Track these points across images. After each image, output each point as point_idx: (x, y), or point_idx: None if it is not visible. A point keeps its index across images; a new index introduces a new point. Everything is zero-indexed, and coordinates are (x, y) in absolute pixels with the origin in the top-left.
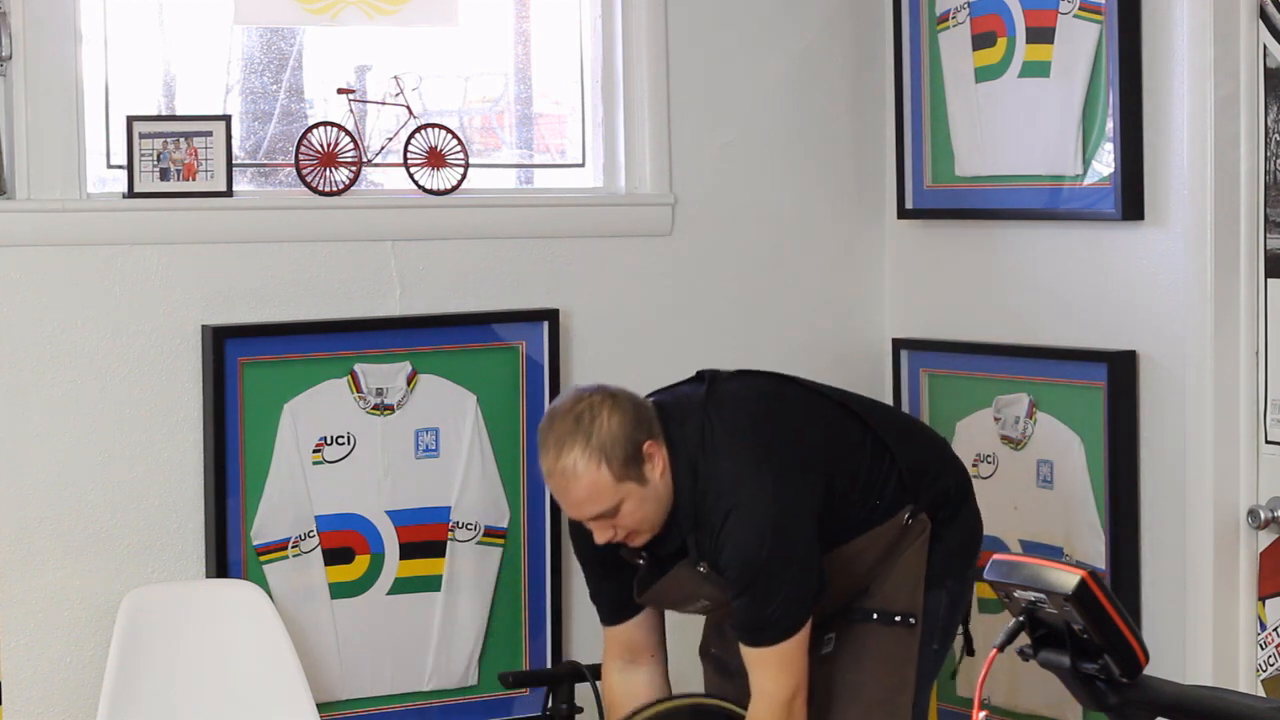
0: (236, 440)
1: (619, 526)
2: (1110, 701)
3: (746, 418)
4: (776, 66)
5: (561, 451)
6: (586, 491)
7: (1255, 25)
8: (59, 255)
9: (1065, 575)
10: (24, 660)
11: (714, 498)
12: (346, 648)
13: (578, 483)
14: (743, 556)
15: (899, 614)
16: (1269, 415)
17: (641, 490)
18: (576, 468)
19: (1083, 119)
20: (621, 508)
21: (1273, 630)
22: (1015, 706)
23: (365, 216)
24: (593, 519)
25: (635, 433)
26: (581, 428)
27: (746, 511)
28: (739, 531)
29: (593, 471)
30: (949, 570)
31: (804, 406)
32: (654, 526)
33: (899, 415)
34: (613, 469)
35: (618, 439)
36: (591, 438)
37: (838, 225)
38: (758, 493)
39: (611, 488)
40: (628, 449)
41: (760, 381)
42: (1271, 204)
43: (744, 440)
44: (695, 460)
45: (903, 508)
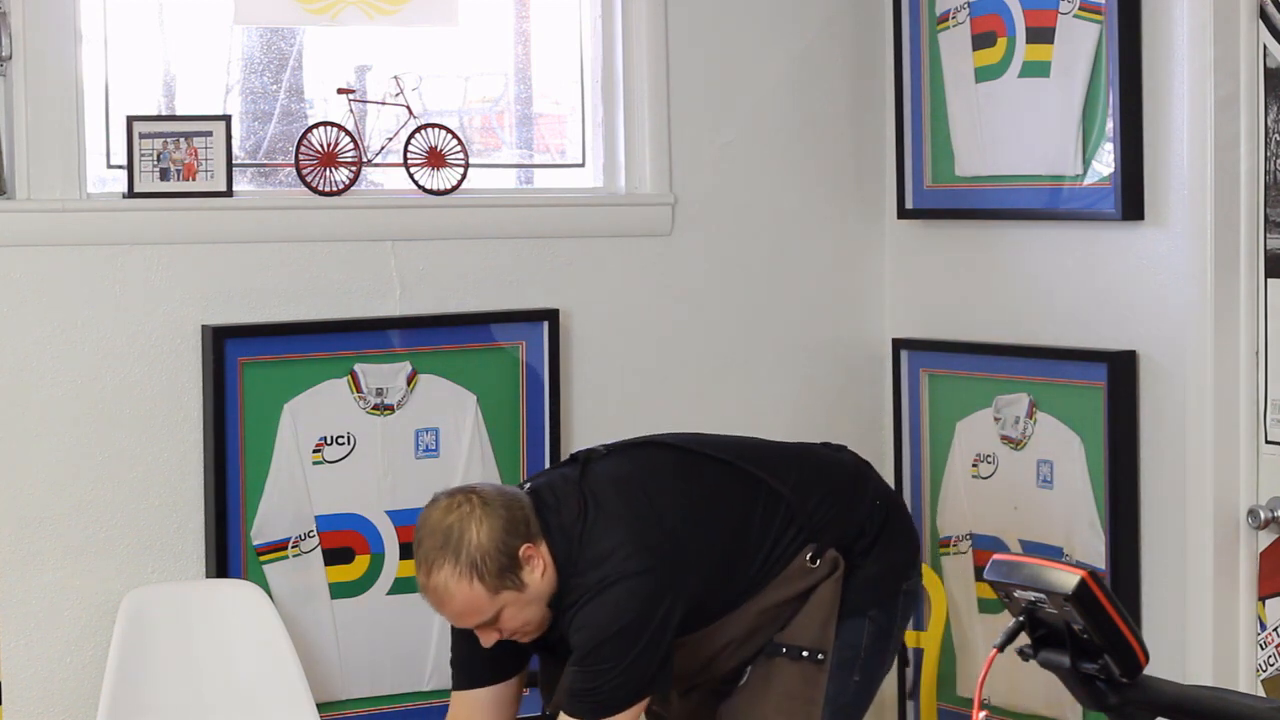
0: (236, 440)
1: (503, 630)
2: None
3: (623, 502)
4: (776, 66)
5: (432, 569)
6: (462, 607)
7: (1255, 25)
8: (59, 255)
9: (1065, 575)
10: (24, 660)
11: (581, 578)
12: (346, 648)
13: (452, 600)
14: (590, 631)
15: (806, 649)
16: (1269, 415)
17: (521, 596)
18: (449, 586)
19: (1083, 119)
20: (502, 615)
21: (1273, 630)
22: (1015, 706)
23: (365, 216)
24: (475, 628)
25: (509, 539)
26: (450, 544)
27: (608, 595)
28: (594, 609)
29: (465, 588)
30: (872, 599)
31: (685, 478)
32: (540, 626)
33: (799, 454)
34: (486, 583)
35: (488, 551)
36: (461, 553)
37: (838, 225)
38: (626, 578)
39: (488, 600)
40: (501, 560)
41: (636, 456)
42: (1271, 204)
43: (620, 526)
44: (571, 549)
45: (803, 550)
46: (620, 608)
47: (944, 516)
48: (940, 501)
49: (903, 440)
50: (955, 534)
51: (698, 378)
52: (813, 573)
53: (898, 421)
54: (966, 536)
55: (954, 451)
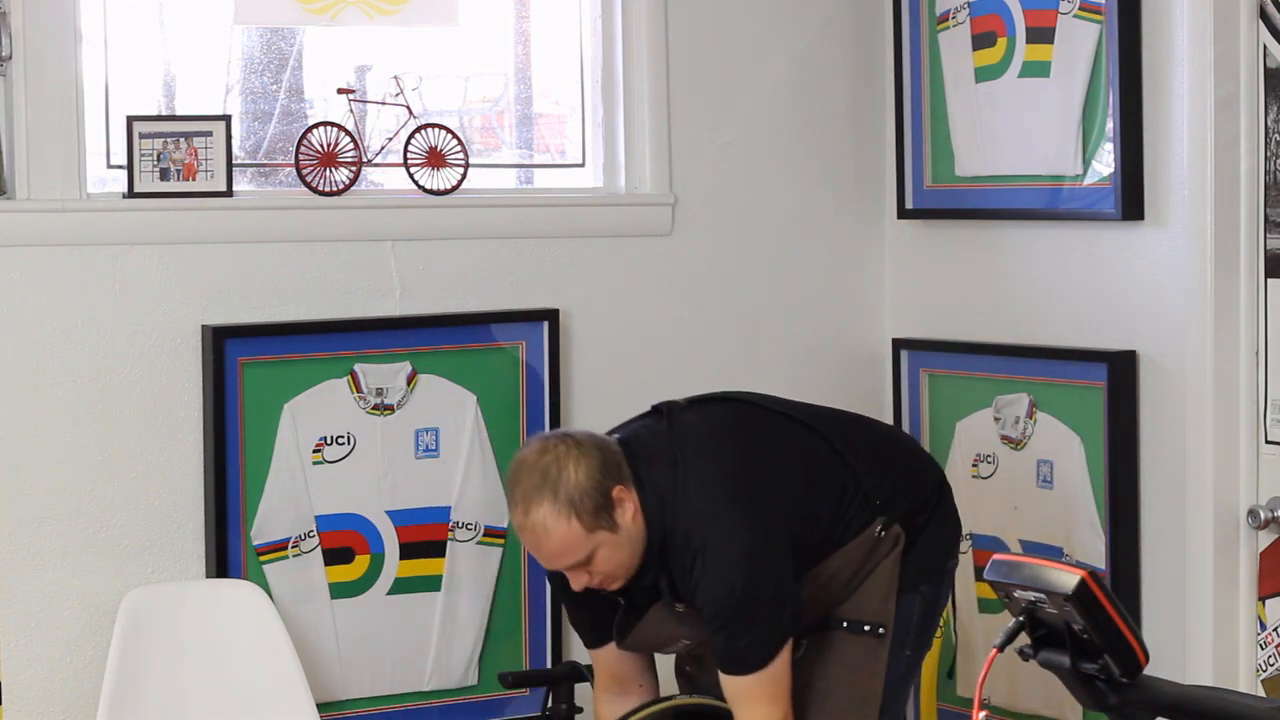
0: (236, 440)
1: (595, 573)
2: (1110, 701)
3: (712, 452)
4: (776, 67)
5: (530, 507)
6: (559, 545)
7: (1255, 25)
8: (59, 255)
9: (1065, 575)
10: (24, 660)
11: (683, 536)
12: (346, 648)
13: (549, 538)
14: (716, 595)
15: (868, 623)
16: (1269, 415)
17: (615, 537)
18: (546, 523)
19: (1083, 119)
20: (596, 555)
21: (1273, 630)
22: (1015, 706)
23: (365, 216)
24: (568, 569)
25: (604, 480)
26: (548, 481)
27: (716, 550)
28: (711, 571)
29: (563, 525)
30: (924, 575)
31: (766, 433)
32: (630, 571)
33: (864, 425)
34: (583, 521)
35: (586, 490)
36: (560, 491)
37: (838, 225)
38: (727, 530)
39: (584, 539)
40: (597, 499)
41: (719, 411)
42: (1271, 204)
43: (711, 476)
44: (665, 498)
45: (873, 522)
46: (735, 564)
47: None
48: None
49: None
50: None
51: (698, 378)
52: (879, 545)
53: (898, 421)
54: (966, 536)
55: (954, 451)
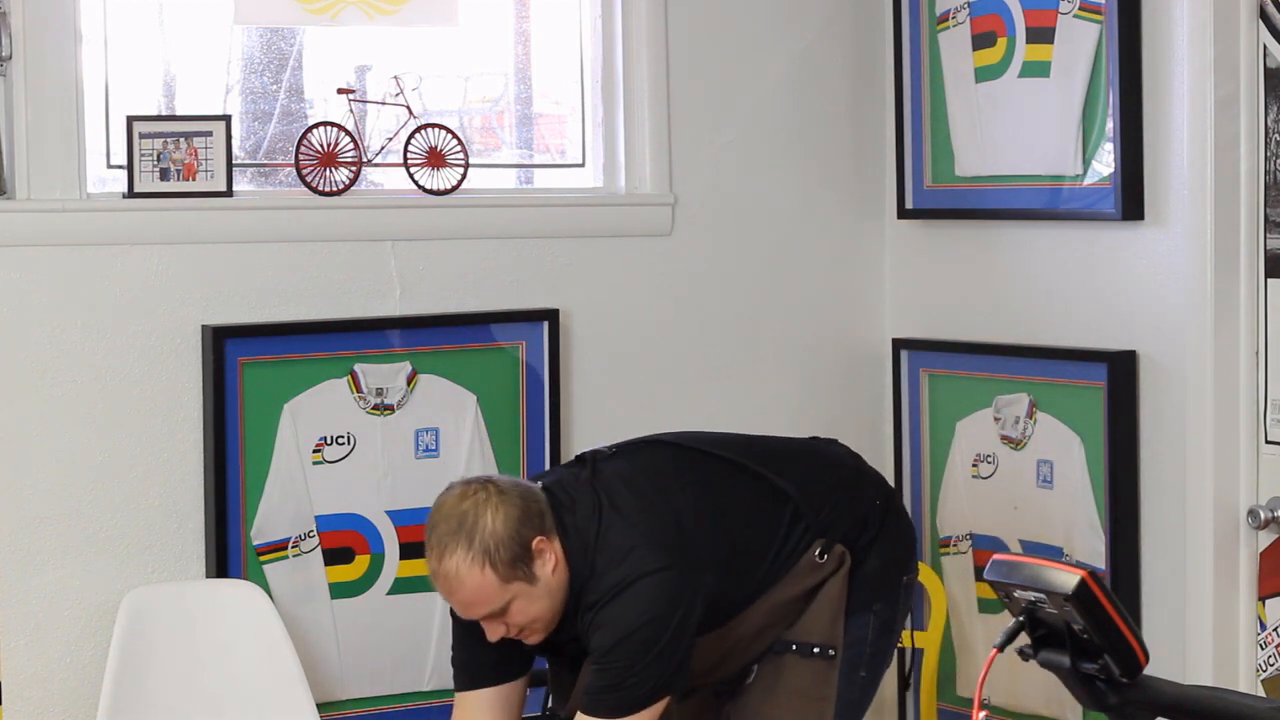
0: (236, 440)
1: (510, 624)
2: (1110, 701)
3: (636, 500)
4: (776, 67)
5: (444, 554)
6: (472, 595)
7: (1255, 25)
8: (59, 255)
9: (1065, 575)
10: (24, 660)
11: (598, 582)
12: (346, 648)
13: (462, 587)
14: (609, 633)
15: (818, 645)
16: (1269, 415)
17: (532, 589)
18: (459, 571)
19: (1083, 119)
20: (511, 607)
21: (1273, 630)
22: (1015, 706)
23: (365, 216)
24: (482, 619)
25: (523, 530)
26: (464, 529)
27: (626, 594)
28: (615, 608)
29: (476, 575)
30: (876, 594)
31: (695, 476)
32: (547, 625)
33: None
34: (498, 571)
35: (503, 539)
36: (475, 539)
37: (838, 225)
38: (641, 577)
39: (498, 590)
40: (514, 549)
41: (646, 456)
42: (1271, 204)
43: (632, 524)
44: (587, 545)
45: (812, 546)
46: (641, 606)
47: (944, 516)
48: (940, 501)
49: (903, 440)
50: (955, 534)
51: (698, 378)
52: (821, 568)
53: (898, 421)
54: (966, 536)
55: (954, 451)
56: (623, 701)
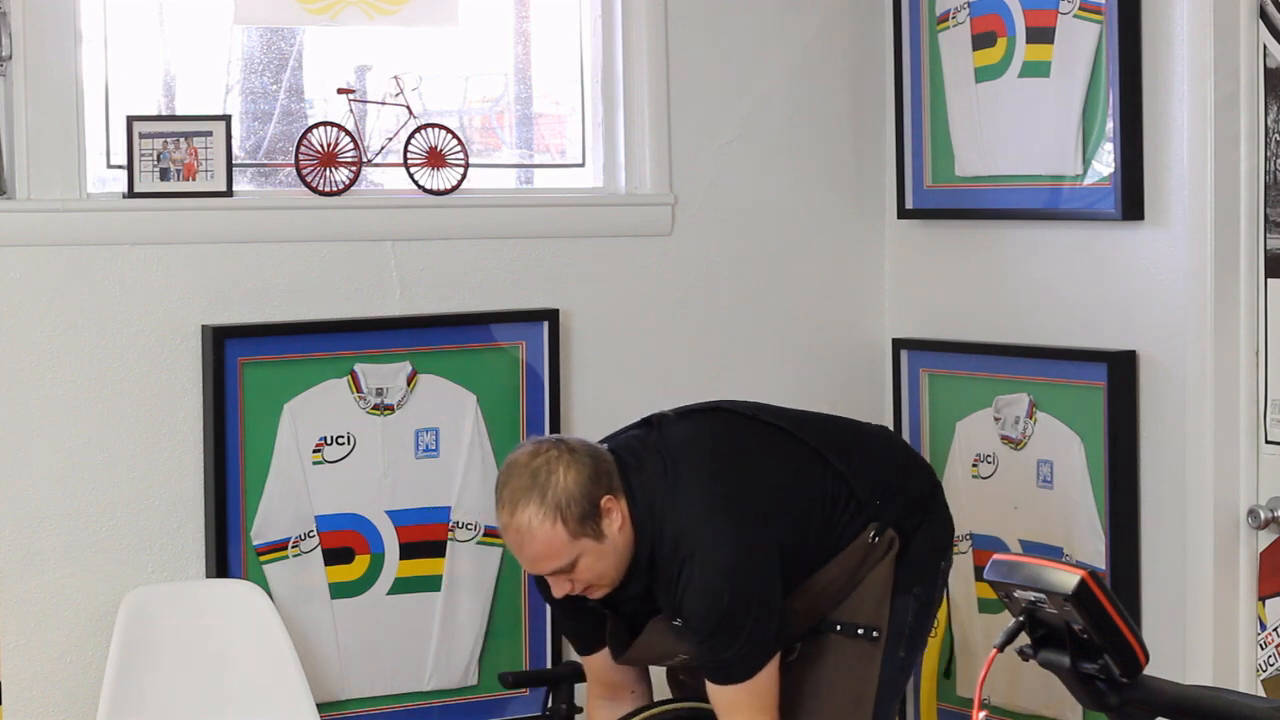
0: (236, 440)
1: (576, 580)
2: (1110, 701)
3: (704, 463)
4: (776, 67)
5: (516, 508)
6: (542, 549)
7: (1255, 25)
8: (59, 255)
9: (1065, 575)
10: (24, 660)
11: (671, 544)
12: (346, 648)
13: (533, 540)
14: (702, 605)
15: (863, 627)
16: (1269, 415)
17: (599, 546)
18: (531, 525)
19: (1083, 119)
20: (579, 563)
21: (1273, 630)
22: (1015, 706)
23: (365, 216)
24: (549, 574)
25: (593, 488)
26: (537, 484)
27: (704, 559)
28: (698, 580)
29: (548, 529)
30: (918, 577)
31: (755, 444)
32: (613, 581)
33: (855, 431)
34: (568, 526)
35: (574, 496)
36: (547, 495)
37: (838, 225)
38: (716, 540)
39: (567, 545)
40: (584, 506)
41: (709, 421)
42: (1271, 204)
43: (701, 486)
44: (654, 506)
45: (866, 529)
46: (722, 575)
47: None
48: None
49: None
50: (955, 534)
51: (698, 378)
52: (873, 550)
53: (898, 421)
54: (966, 536)
55: (954, 451)
56: (745, 668)
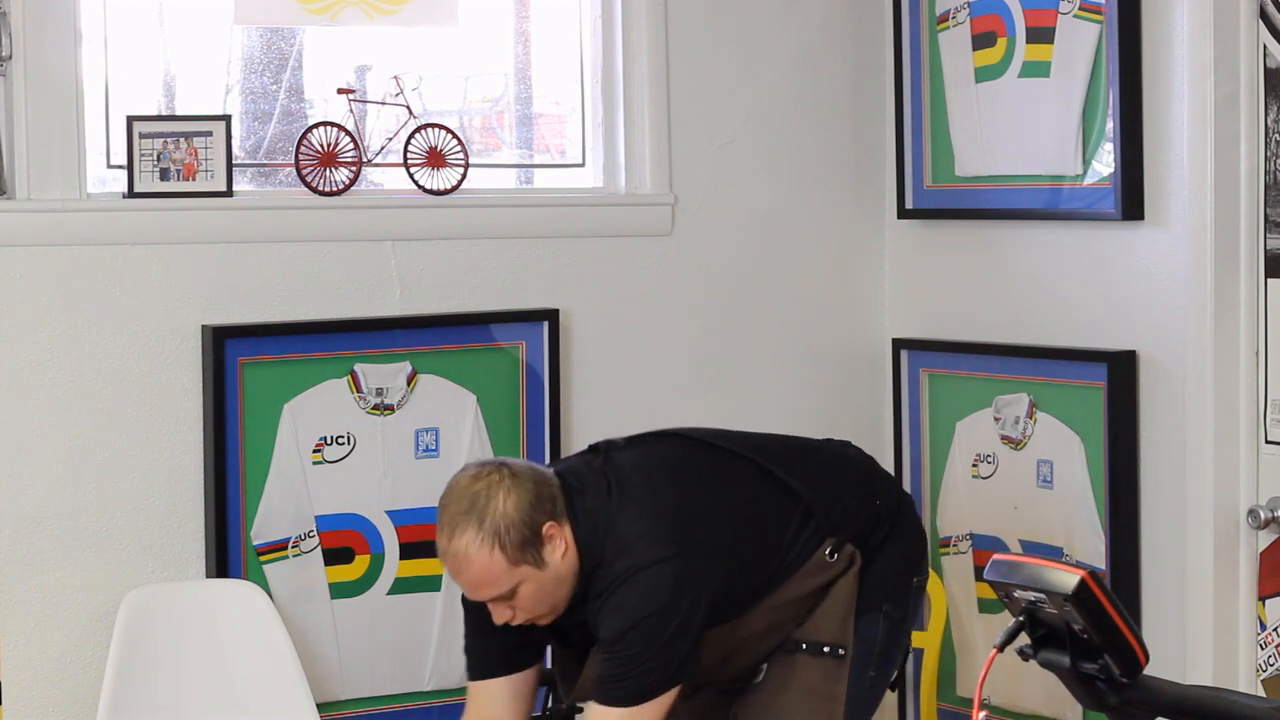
0: (236, 440)
1: (518, 609)
2: (1110, 701)
3: (649, 487)
4: (776, 67)
5: (454, 533)
6: (480, 575)
7: (1255, 25)
8: (59, 255)
9: (1065, 575)
10: (24, 660)
11: (608, 567)
12: (346, 648)
13: (469, 566)
14: (618, 620)
15: (828, 644)
16: (1269, 415)
17: (540, 574)
18: (469, 551)
19: (1083, 119)
20: (519, 590)
21: (1273, 630)
22: (1015, 706)
23: (365, 216)
24: (489, 600)
25: (534, 514)
26: (475, 509)
27: (636, 578)
28: (623, 595)
29: (485, 556)
30: (887, 593)
31: (706, 470)
32: (556, 609)
33: (812, 450)
34: (507, 553)
35: (513, 522)
36: (485, 520)
37: (838, 225)
38: (652, 561)
39: (506, 572)
40: (524, 533)
41: (658, 448)
42: (1271, 204)
43: (644, 511)
44: (596, 530)
45: (821, 545)
46: (649, 594)
47: (944, 516)
48: (940, 501)
49: (903, 440)
50: (955, 534)
51: (697, 377)
52: (831, 567)
53: (898, 421)
54: (966, 536)
55: (954, 451)
56: (633, 690)
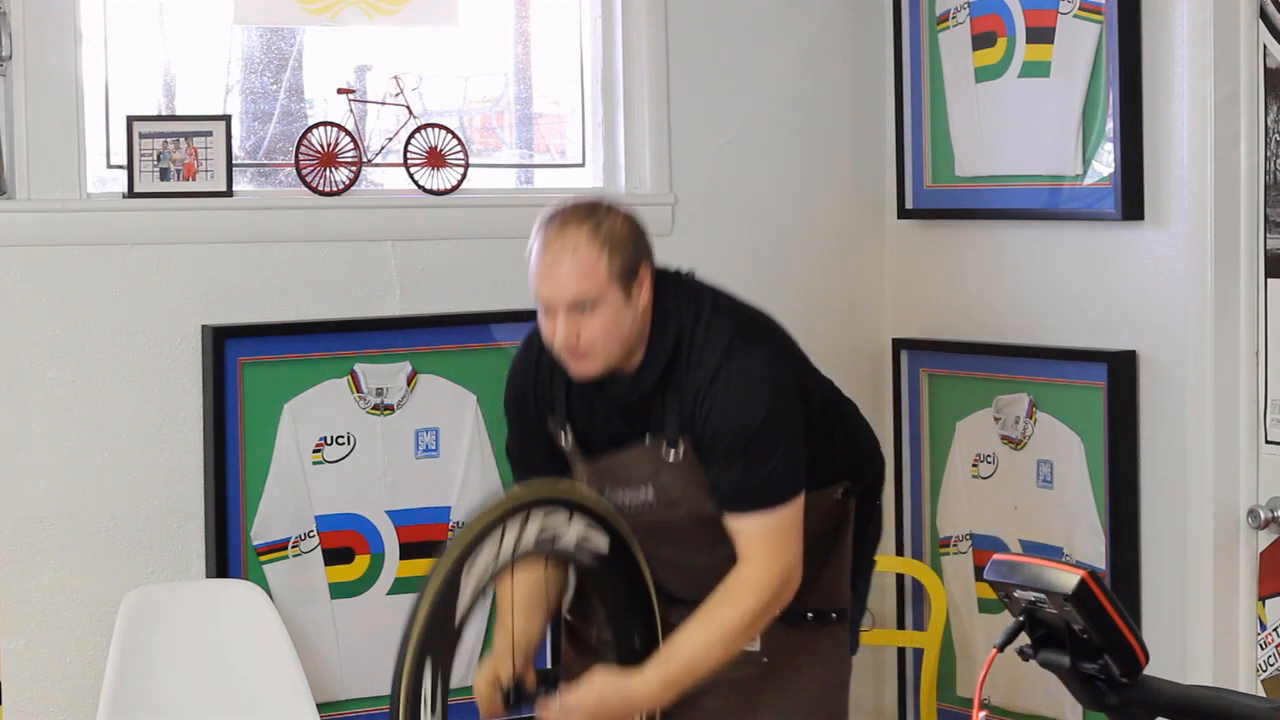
0: (236, 440)
1: (583, 330)
2: (1110, 701)
3: (739, 303)
4: (776, 67)
5: (567, 228)
6: (578, 269)
7: (1255, 25)
8: (59, 255)
9: (1065, 575)
10: (24, 660)
11: (699, 355)
12: (346, 648)
13: (573, 259)
14: (737, 419)
15: (835, 610)
16: (1269, 415)
17: (621, 304)
18: (578, 243)
19: (1083, 119)
20: (598, 308)
21: (1273, 630)
22: (1015, 706)
23: (365, 216)
24: (566, 306)
25: (639, 246)
26: (594, 217)
27: (740, 373)
28: (734, 393)
29: (593, 254)
30: (860, 572)
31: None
32: (610, 355)
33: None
34: (611, 264)
35: (625, 240)
36: (602, 227)
37: (838, 225)
38: (751, 357)
39: (602, 279)
40: (630, 255)
41: None
42: (1271, 204)
43: (737, 316)
44: (680, 326)
45: (838, 483)
46: (758, 397)
47: (944, 516)
48: (940, 501)
49: (903, 440)
50: (955, 534)
51: None
52: (835, 511)
53: (898, 421)
54: (966, 536)
55: (954, 451)
56: (777, 491)
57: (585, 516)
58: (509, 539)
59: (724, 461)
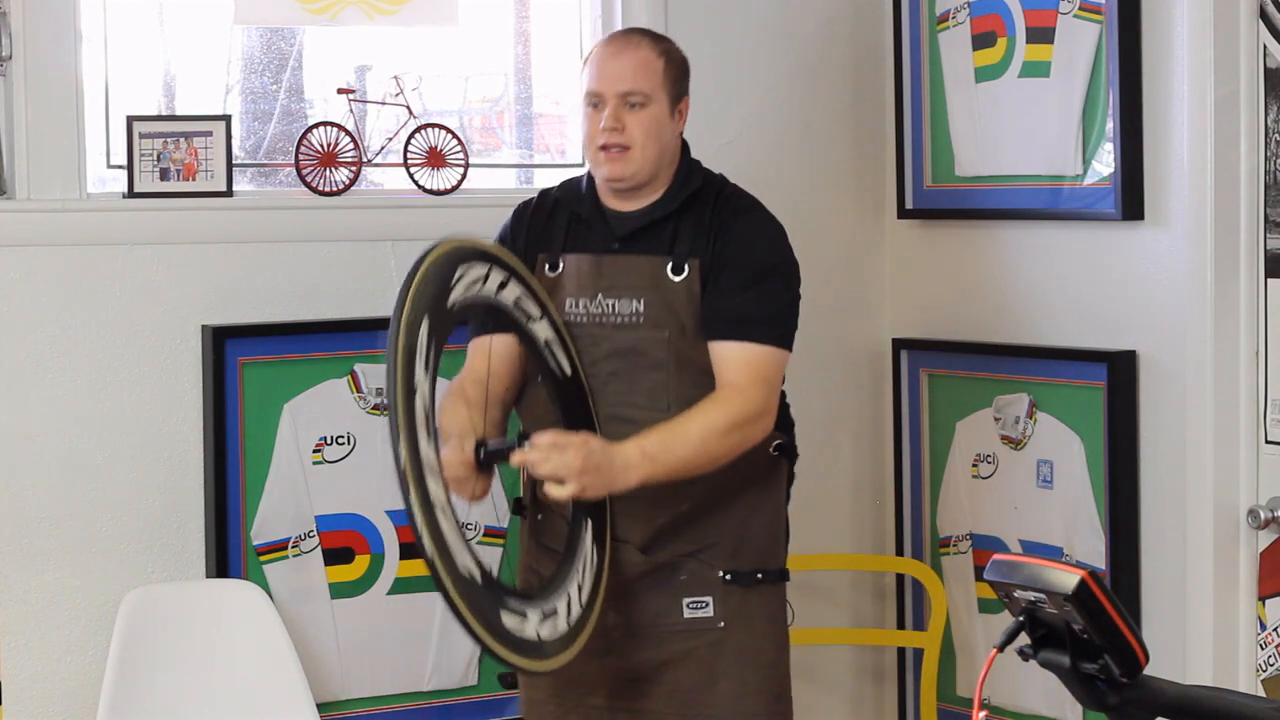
0: (236, 440)
1: (629, 127)
2: (1110, 701)
3: None
4: (776, 67)
5: (632, 33)
6: (636, 62)
7: (1255, 25)
8: (59, 255)
9: (1065, 575)
10: (24, 660)
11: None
12: (346, 648)
13: (635, 53)
14: (757, 249)
15: (778, 569)
16: (1269, 415)
17: (665, 115)
18: (641, 43)
19: (1083, 119)
20: (646, 107)
21: (1273, 630)
22: (1015, 706)
23: (365, 216)
24: (618, 98)
25: (687, 77)
26: (657, 34)
27: (764, 223)
28: (754, 230)
29: (652, 55)
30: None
31: None
32: (645, 162)
33: None
34: (666, 70)
35: (680, 61)
36: (662, 41)
37: (838, 225)
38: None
39: (656, 79)
40: (680, 74)
41: None
42: (1271, 204)
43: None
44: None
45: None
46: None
47: (944, 516)
48: (940, 501)
49: (903, 440)
50: (955, 534)
51: None
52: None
53: (898, 421)
54: (966, 536)
55: (954, 451)
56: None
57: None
58: (496, 273)
59: (730, 289)
